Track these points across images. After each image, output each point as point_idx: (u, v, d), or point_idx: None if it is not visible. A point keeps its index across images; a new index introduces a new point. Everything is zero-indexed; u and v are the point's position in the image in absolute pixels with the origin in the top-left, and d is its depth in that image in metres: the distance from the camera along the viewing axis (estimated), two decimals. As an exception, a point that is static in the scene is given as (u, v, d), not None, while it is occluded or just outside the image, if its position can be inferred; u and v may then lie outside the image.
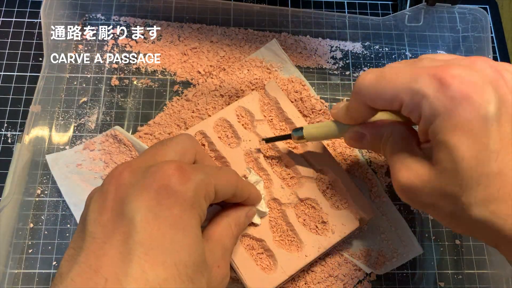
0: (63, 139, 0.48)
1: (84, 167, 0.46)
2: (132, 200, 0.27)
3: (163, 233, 0.26)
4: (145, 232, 0.26)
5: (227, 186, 0.32)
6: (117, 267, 0.25)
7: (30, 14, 0.54)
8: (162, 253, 0.26)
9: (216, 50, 0.53)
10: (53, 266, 0.43)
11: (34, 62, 0.52)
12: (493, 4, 0.60)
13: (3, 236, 0.41)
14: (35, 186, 0.46)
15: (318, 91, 0.52)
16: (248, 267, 0.39)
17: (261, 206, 0.40)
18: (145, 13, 0.54)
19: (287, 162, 0.45)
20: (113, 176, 0.29)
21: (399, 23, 0.54)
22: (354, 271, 0.43)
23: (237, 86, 0.50)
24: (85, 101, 0.50)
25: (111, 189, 0.28)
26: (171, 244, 0.26)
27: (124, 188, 0.28)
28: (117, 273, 0.25)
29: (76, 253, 0.26)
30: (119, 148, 0.46)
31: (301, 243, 0.41)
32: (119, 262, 0.25)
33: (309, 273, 0.42)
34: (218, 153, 0.44)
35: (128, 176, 0.29)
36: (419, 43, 0.56)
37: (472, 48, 0.53)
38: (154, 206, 0.27)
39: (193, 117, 0.48)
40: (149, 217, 0.26)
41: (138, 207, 0.27)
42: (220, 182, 0.31)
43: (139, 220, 0.26)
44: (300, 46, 0.54)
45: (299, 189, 0.43)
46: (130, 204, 0.27)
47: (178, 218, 0.27)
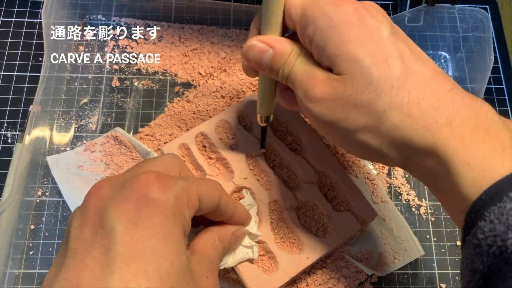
0: (63, 139, 0.48)
1: (85, 168, 0.46)
2: (112, 212, 0.27)
3: (143, 243, 0.26)
4: (125, 242, 0.25)
5: (210, 194, 0.32)
6: (98, 279, 0.25)
7: (30, 14, 0.54)
8: (144, 263, 0.25)
9: (217, 51, 0.53)
10: (54, 268, 0.43)
11: (34, 62, 0.52)
12: (493, 4, 0.60)
13: (4, 237, 0.41)
14: (36, 187, 0.46)
15: (319, 92, 0.52)
16: (249, 269, 0.39)
17: (251, 228, 0.38)
18: (145, 13, 0.54)
19: (288, 164, 0.45)
20: (92, 192, 0.29)
21: (398, 23, 0.54)
22: (356, 273, 0.43)
23: (238, 87, 0.50)
24: (86, 102, 0.50)
25: (91, 204, 0.28)
26: (152, 253, 0.26)
27: (103, 201, 0.28)
28: (98, 285, 0.24)
29: (58, 270, 0.26)
30: (120, 150, 0.46)
31: (302, 245, 0.41)
32: (100, 274, 0.25)
33: (311, 275, 0.42)
34: (219, 155, 0.44)
35: (107, 190, 0.29)
36: (419, 43, 0.55)
37: (473, 48, 0.53)
38: (133, 216, 0.27)
39: (194, 119, 0.48)
40: (129, 228, 0.26)
41: (118, 218, 0.26)
42: (203, 190, 0.31)
43: (119, 231, 0.26)
44: (300, 46, 0.54)
45: (300, 191, 0.43)
46: (110, 216, 0.26)
47: (159, 227, 0.27)
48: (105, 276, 0.24)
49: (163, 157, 0.34)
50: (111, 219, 0.26)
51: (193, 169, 0.44)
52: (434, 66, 0.30)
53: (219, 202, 0.33)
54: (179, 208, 0.28)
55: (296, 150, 0.46)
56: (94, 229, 0.27)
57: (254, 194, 0.42)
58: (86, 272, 0.25)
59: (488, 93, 0.55)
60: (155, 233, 0.27)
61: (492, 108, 0.29)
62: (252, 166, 0.44)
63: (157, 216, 0.27)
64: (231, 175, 0.43)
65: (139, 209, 0.27)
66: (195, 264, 0.30)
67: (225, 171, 0.44)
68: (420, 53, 0.31)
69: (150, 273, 0.25)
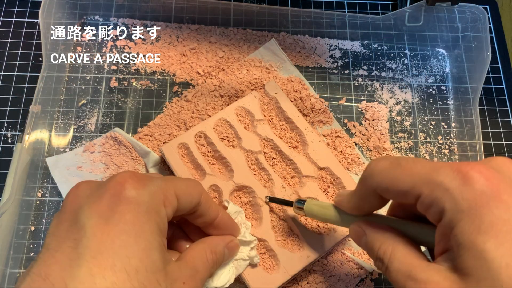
0: (63, 140, 0.48)
1: (84, 169, 0.46)
2: (85, 209, 0.27)
3: (113, 238, 0.26)
4: (94, 237, 0.26)
5: (189, 192, 0.32)
6: (64, 271, 0.25)
7: (30, 14, 0.54)
8: (111, 257, 0.26)
9: (215, 51, 0.53)
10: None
11: (34, 62, 0.52)
12: (493, 4, 0.60)
13: (4, 237, 0.41)
14: (36, 187, 0.46)
15: (318, 90, 0.52)
16: (251, 268, 0.39)
17: (244, 236, 0.38)
18: (144, 13, 0.54)
19: (288, 162, 0.45)
20: (71, 191, 0.30)
21: (398, 22, 0.54)
22: (356, 270, 0.43)
23: (236, 86, 0.50)
24: (85, 102, 0.50)
25: (68, 202, 0.29)
26: (121, 249, 0.26)
27: (80, 199, 0.29)
28: (64, 277, 0.25)
29: (30, 266, 0.26)
30: (119, 150, 0.46)
31: (303, 242, 0.41)
32: (67, 267, 0.25)
33: (311, 273, 0.42)
34: (219, 154, 0.44)
35: (84, 189, 0.29)
36: (418, 42, 0.56)
37: (471, 45, 0.53)
38: (105, 212, 0.27)
39: (193, 118, 0.48)
40: (99, 223, 0.27)
41: (90, 214, 0.27)
42: (181, 189, 0.31)
43: (89, 226, 0.26)
44: (299, 45, 0.54)
45: (301, 188, 0.43)
46: (83, 213, 0.27)
47: (131, 223, 0.27)
48: (72, 269, 0.25)
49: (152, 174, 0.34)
50: (84, 216, 0.27)
51: (192, 169, 0.44)
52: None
53: (199, 200, 0.33)
54: (154, 205, 0.29)
55: (296, 147, 0.46)
56: (68, 226, 0.27)
57: (254, 192, 0.43)
58: (55, 265, 0.25)
59: (488, 93, 0.55)
60: (126, 229, 0.27)
61: None
62: (252, 165, 0.44)
63: (129, 213, 0.27)
64: (231, 174, 0.43)
65: (112, 206, 0.27)
66: (175, 267, 0.30)
67: (225, 170, 0.44)
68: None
69: (117, 268, 0.25)
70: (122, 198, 0.28)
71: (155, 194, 0.29)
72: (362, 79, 0.53)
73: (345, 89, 0.53)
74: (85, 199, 0.28)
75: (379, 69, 0.54)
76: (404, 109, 0.52)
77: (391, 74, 0.54)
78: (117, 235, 0.26)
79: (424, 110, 0.52)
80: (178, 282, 0.30)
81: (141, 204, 0.28)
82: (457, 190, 0.24)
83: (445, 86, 0.54)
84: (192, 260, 0.32)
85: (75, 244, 0.26)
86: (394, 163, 0.28)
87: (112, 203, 0.28)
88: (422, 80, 0.54)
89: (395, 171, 0.27)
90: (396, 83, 0.53)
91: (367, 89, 0.53)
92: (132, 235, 0.27)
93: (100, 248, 0.26)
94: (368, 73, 0.54)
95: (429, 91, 0.53)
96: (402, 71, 0.54)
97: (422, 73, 0.54)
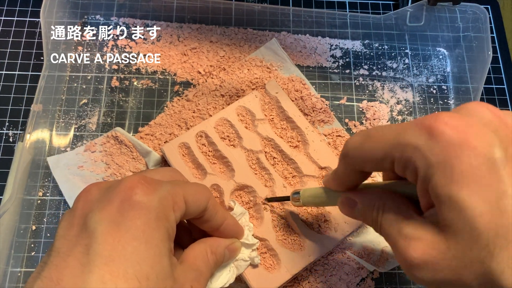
0: (64, 140, 0.48)
1: (85, 168, 0.46)
2: (96, 214, 0.27)
3: (124, 244, 0.26)
4: (106, 243, 0.26)
5: (197, 197, 0.32)
6: (77, 277, 0.25)
7: (31, 13, 0.54)
8: (123, 264, 0.26)
9: (216, 50, 0.53)
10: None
11: (35, 61, 0.52)
12: (494, 4, 0.60)
13: (5, 236, 0.41)
14: (37, 186, 0.46)
15: (318, 89, 0.52)
16: (252, 267, 0.39)
17: (247, 239, 0.38)
18: (145, 13, 0.54)
19: (288, 161, 0.45)
20: (81, 195, 0.30)
21: (399, 21, 0.54)
22: (357, 269, 0.43)
23: (237, 85, 0.50)
24: (86, 102, 0.50)
25: (79, 206, 0.29)
26: (132, 255, 0.26)
27: (90, 204, 0.28)
28: (76, 283, 0.25)
29: (41, 269, 0.26)
30: (120, 149, 0.46)
31: (304, 242, 0.41)
32: (79, 273, 0.25)
33: (312, 272, 0.42)
34: (220, 153, 0.44)
35: (94, 193, 0.29)
36: (420, 42, 0.56)
37: (472, 44, 0.53)
38: (116, 217, 0.27)
39: (194, 117, 0.48)
40: (110, 229, 0.26)
41: (101, 219, 0.27)
42: (190, 193, 0.31)
43: (100, 232, 0.26)
44: (300, 45, 0.54)
45: (302, 187, 0.43)
46: (94, 217, 0.27)
47: (141, 230, 0.27)
48: (83, 274, 0.25)
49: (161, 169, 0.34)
50: (95, 221, 0.27)
51: (193, 168, 0.44)
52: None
53: (206, 206, 0.33)
54: (164, 211, 0.29)
55: (297, 147, 0.46)
56: (79, 230, 0.27)
57: (255, 192, 0.43)
58: (67, 270, 0.25)
59: (490, 93, 0.55)
60: (137, 235, 0.27)
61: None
62: (252, 164, 0.44)
63: (139, 219, 0.27)
64: (232, 173, 0.43)
65: (122, 212, 0.27)
66: (181, 273, 0.30)
67: (226, 170, 0.44)
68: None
69: (129, 275, 0.25)
70: (132, 203, 0.28)
71: (165, 199, 0.29)
72: (363, 78, 0.53)
73: (346, 89, 0.53)
74: (95, 204, 0.28)
75: (380, 68, 0.54)
76: (405, 109, 0.52)
77: (392, 73, 0.54)
78: (128, 241, 0.26)
79: (425, 109, 0.52)
80: (186, 286, 0.30)
81: (151, 210, 0.28)
82: (425, 146, 0.24)
83: (446, 86, 0.54)
84: (194, 261, 0.32)
85: (86, 250, 0.26)
86: (364, 135, 0.28)
87: (122, 208, 0.27)
88: (423, 79, 0.54)
89: (367, 144, 0.28)
90: (397, 83, 0.53)
91: (368, 88, 0.53)
92: (142, 242, 0.27)
93: (112, 255, 0.26)
94: (369, 72, 0.54)
95: (430, 91, 0.53)
96: (403, 71, 0.54)
97: (423, 73, 0.54)
